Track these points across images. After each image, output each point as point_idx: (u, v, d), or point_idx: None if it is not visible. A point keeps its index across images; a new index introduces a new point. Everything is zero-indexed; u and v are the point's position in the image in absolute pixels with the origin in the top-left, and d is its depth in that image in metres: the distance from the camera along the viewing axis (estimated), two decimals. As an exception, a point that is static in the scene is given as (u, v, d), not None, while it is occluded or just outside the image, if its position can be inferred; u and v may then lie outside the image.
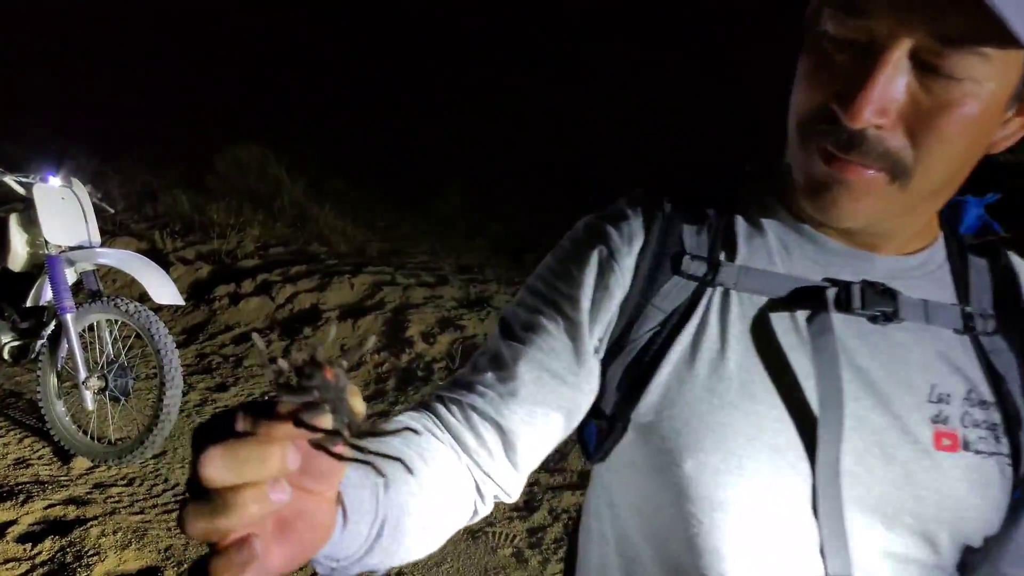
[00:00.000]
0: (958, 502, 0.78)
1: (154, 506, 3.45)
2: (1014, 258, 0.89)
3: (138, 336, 3.81)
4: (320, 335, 5.01)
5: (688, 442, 0.78)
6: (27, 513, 3.22)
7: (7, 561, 2.91)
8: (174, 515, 3.39)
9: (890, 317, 0.81)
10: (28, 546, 2.99)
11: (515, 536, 3.38)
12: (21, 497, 3.32)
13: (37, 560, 2.93)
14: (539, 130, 9.98)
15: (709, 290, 0.82)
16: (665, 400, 0.80)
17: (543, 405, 0.82)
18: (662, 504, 0.82)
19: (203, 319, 5.63)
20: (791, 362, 0.79)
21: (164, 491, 3.58)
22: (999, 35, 0.63)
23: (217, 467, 0.41)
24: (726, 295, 0.82)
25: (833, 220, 0.77)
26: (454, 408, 0.82)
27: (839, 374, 0.77)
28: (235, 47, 13.83)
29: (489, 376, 0.83)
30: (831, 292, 0.81)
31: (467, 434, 0.80)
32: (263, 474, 0.42)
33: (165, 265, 4.09)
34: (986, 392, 0.81)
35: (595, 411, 0.87)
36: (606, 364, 0.84)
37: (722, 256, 0.84)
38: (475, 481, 0.81)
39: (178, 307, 5.43)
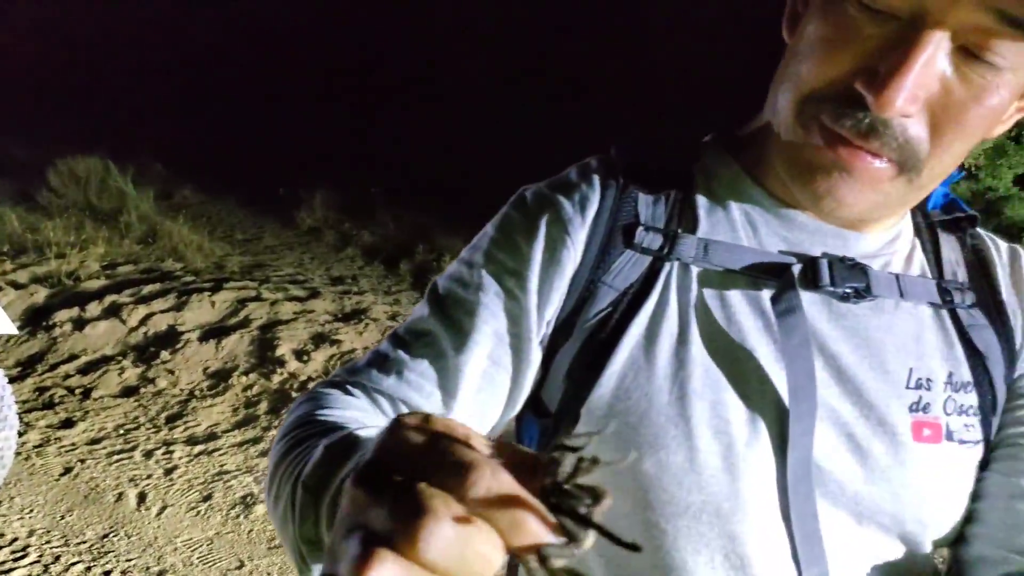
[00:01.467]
0: (942, 500, 0.72)
1: (-12, 567, 2.98)
2: (982, 233, 0.86)
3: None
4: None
5: (647, 439, 0.69)
6: None
7: None
8: (13, 575, 2.94)
9: (862, 294, 0.74)
10: None
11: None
12: None
13: None
14: (403, 134, 9.79)
15: (667, 265, 0.75)
16: (620, 391, 0.71)
17: (483, 400, 0.73)
18: (618, 513, 0.71)
19: (42, 348, 5.04)
20: (758, 346, 0.72)
21: (0, 547, 3.10)
22: None
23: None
24: (685, 271, 0.75)
25: (825, 208, 0.71)
26: (390, 402, 0.70)
27: (811, 360, 0.71)
28: (59, 49, 12.81)
29: (425, 366, 0.71)
30: (796, 268, 0.74)
31: None
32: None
33: (-8, 290, 3.62)
34: (967, 375, 0.75)
35: (537, 407, 0.76)
36: (551, 351, 0.74)
37: (680, 228, 0.76)
38: None
39: (10, 337, 4.83)
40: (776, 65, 0.74)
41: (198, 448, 3.98)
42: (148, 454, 3.91)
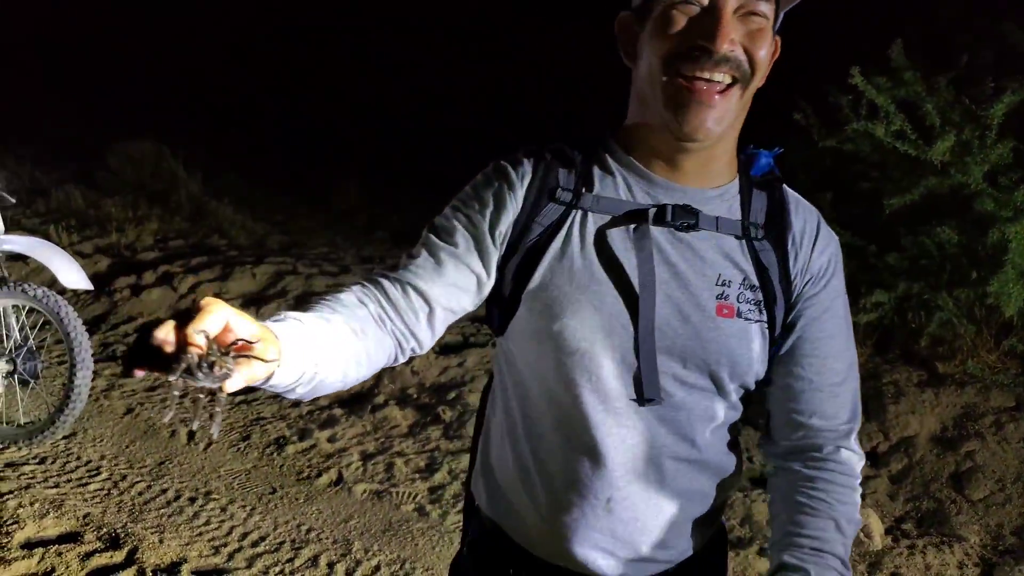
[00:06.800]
0: (732, 351, 1.16)
1: (69, 480, 3.60)
2: (789, 191, 1.25)
3: (46, 324, 3.91)
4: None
5: (557, 311, 1.15)
6: (-60, 491, 3.30)
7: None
8: (90, 488, 3.56)
9: (691, 227, 1.16)
10: (-54, 519, 3.10)
11: (417, 495, 3.70)
12: (-67, 477, 3.39)
13: (-42, 530, 3.05)
14: (418, 130, 10.15)
15: (574, 212, 1.17)
16: (542, 284, 1.16)
17: (456, 284, 1.17)
18: (543, 353, 1.18)
19: (104, 310, 5.69)
20: (624, 259, 1.15)
21: (78, 467, 3.73)
22: None
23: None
24: (585, 215, 1.17)
25: (700, 134, 1.09)
26: (395, 281, 1.14)
27: (652, 265, 1.14)
28: (115, 43, 13.52)
29: (420, 260, 1.16)
30: (652, 211, 1.16)
31: (401, 300, 1.13)
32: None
33: (63, 258, 4.24)
34: (755, 280, 1.18)
35: (498, 299, 1.22)
36: (504, 263, 1.18)
37: (583, 189, 1.18)
38: (397, 339, 1.13)
39: (79, 298, 5.48)
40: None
41: (239, 398, 4.56)
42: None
